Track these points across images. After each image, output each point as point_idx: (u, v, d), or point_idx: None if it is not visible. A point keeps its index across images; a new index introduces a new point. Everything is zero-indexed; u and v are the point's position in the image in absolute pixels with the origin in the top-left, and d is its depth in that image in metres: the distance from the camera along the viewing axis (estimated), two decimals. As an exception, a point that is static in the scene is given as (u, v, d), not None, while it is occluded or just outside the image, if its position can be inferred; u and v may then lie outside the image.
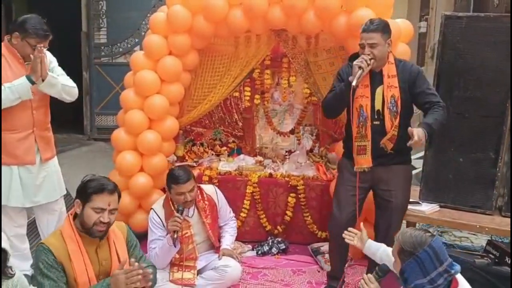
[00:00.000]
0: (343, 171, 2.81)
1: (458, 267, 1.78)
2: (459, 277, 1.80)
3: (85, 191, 1.99)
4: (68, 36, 7.21)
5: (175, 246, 2.66)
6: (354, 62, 2.53)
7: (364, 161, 2.65)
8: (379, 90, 2.62)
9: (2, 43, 2.75)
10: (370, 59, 2.52)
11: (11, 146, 2.74)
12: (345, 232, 2.39)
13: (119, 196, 2.07)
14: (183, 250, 2.76)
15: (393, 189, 2.70)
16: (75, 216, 2.07)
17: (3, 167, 2.74)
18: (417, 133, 2.35)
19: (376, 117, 2.63)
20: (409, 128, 2.40)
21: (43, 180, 2.86)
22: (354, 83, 2.48)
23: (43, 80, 2.70)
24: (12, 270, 1.76)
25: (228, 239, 3.01)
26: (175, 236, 2.60)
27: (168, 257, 2.74)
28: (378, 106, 2.62)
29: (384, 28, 2.58)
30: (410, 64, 2.77)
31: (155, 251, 2.73)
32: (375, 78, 2.62)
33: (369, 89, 2.61)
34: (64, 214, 2.92)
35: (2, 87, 2.61)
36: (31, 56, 2.65)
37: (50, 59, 2.88)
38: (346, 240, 2.37)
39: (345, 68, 2.73)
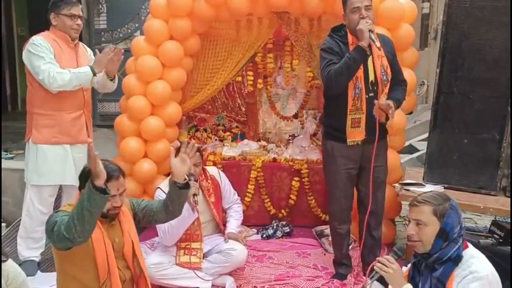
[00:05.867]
0: (334, 156, 2.72)
1: None
2: (467, 241, 1.88)
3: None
4: (68, 22, 7.15)
5: (193, 212, 2.66)
6: (360, 27, 2.43)
7: (358, 134, 2.63)
8: (370, 61, 2.58)
9: (50, 30, 2.88)
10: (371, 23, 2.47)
11: (66, 125, 2.88)
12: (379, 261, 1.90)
13: (124, 176, 2.06)
14: (189, 226, 2.76)
15: (379, 164, 2.71)
16: None
17: (58, 146, 2.88)
18: (387, 106, 2.48)
19: (370, 88, 2.59)
20: (383, 103, 2.49)
21: None
22: (378, 44, 2.42)
23: (110, 79, 2.92)
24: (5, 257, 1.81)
25: (233, 223, 3.03)
26: (195, 199, 2.60)
27: (182, 228, 2.71)
28: (371, 77, 2.59)
29: None
30: (385, 35, 2.78)
31: (167, 224, 2.64)
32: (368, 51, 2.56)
33: None
34: None
35: (67, 71, 2.76)
36: (73, 31, 2.84)
37: (90, 52, 3.07)
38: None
39: (331, 41, 2.63)
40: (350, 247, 3.07)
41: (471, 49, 2.91)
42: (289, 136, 4.19)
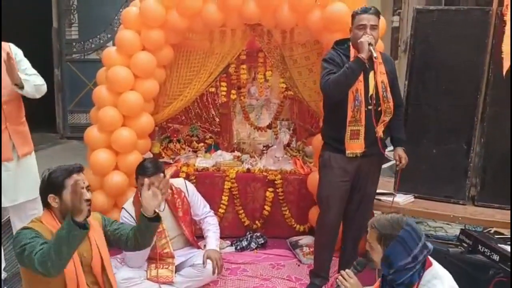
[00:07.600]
0: (331, 166, 2.71)
1: (431, 244, 1.84)
2: (431, 258, 1.86)
3: (55, 183, 1.94)
4: (38, 32, 7.02)
5: None
6: (361, 40, 2.49)
7: (357, 146, 2.63)
8: (371, 76, 2.61)
9: None
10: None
11: None
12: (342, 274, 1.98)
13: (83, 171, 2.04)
14: (156, 245, 2.70)
15: (370, 180, 2.74)
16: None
17: None
18: (402, 155, 2.69)
19: (369, 101, 2.61)
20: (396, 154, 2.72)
21: (22, 177, 2.78)
22: (375, 55, 2.46)
23: (17, 85, 2.65)
24: None
25: (212, 237, 2.92)
26: None
27: (143, 253, 2.66)
28: (371, 91, 2.61)
29: (379, 15, 2.62)
30: (387, 55, 2.82)
31: None
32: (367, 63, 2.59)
33: (362, 73, 2.58)
34: None
35: None
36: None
37: (15, 52, 2.78)
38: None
39: (333, 53, 2.68)
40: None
41: (438, 61, 3.01)
42: (263, 146, 4.20)
